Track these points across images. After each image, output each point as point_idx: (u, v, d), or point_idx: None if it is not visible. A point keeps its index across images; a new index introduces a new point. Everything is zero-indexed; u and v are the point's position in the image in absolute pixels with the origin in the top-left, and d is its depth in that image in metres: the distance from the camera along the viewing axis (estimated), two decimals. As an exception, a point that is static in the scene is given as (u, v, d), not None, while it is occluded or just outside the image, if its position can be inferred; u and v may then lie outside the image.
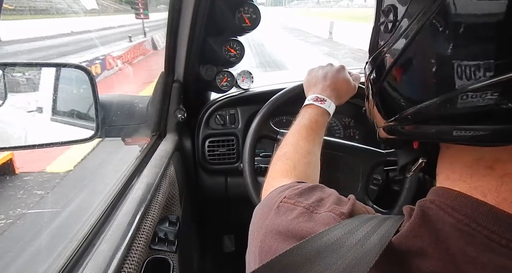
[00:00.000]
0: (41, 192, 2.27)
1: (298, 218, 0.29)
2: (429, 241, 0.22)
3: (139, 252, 0.45)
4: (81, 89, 0.71)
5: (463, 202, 0.22)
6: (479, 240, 0.20)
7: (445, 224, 0.22)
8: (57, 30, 5.83)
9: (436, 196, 0.24)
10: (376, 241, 0.22)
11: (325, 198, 0.32)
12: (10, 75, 0.87)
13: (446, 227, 0.21)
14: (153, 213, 0.54)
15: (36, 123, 0.81)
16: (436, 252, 0.21)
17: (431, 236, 0.22)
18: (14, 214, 1.98)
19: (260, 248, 0.31)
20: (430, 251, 0.21)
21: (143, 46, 6.44)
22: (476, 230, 0.20)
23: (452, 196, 0.23)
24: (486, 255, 0.19)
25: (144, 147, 0.80)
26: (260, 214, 0.34)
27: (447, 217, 0.22)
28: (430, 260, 0.21)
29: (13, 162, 2.47)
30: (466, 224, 0.21)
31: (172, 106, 0.86)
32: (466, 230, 0.21)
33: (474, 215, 0.21)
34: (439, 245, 0.21)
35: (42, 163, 2.59)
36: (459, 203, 0.22)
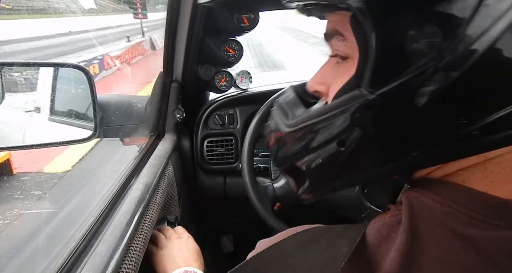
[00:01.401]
0: (39, 192, 2.26)
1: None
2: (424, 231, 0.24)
3: (137, 253, 0.45)
4: (79, 89, 0.70)
5: (444, 187, 0.25)
6: (461, 218, 0.23)
7: (432, 209, 0.24)
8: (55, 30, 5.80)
9: (417, 186, 0.27)
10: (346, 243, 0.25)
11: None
12: (8, 75, 0.86)
13: (435, 212, 0.24)
14: (151, 213, 0.54)
15: (34, 123, 0.81)
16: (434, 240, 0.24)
17: (423, 226, 0.24)
18: (11, 215, 1.97)
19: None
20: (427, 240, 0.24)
21: (141, 46, 6.43)
22: (458, 210, 0.23)
23: (432, 183, 0.26)
24: (469, 230, 0.23)
25: (143, 147, 0.80)
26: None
27: (432, 203, 0.24)
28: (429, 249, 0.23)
29: (10, 162, 2.46)
30: (449, 205, 0.24)
31: (170, 106, 0.86)
32: (450, 211, 0.24)
33: (455, 197, 0.24)
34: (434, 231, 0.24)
35: (39, 163, 2.58)
36: (441, 189, 0.25)
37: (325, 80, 0.30)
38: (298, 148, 0.28)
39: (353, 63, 0.26)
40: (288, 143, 0.30)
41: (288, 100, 0.34)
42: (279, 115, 0.32)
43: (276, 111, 0.33)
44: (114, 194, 0.57)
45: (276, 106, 0.34)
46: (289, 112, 0.32)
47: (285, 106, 0.33)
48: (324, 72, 0.31)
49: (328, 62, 0.31)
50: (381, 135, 0.24)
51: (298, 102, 0.32)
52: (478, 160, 0.24)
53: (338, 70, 0.28)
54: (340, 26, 0.26)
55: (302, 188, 0.30)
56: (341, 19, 0.26)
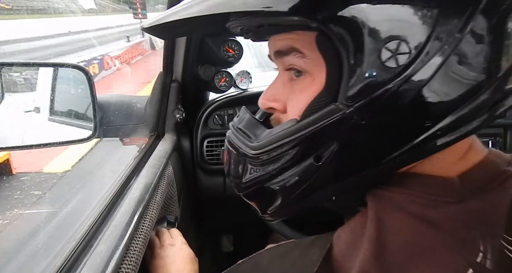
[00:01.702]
0: (38, 192, 2.26)
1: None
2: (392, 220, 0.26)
3: (137, 253, 0.45)
4: (79, 89, 0.70)
5: (398, 178, 0.28)
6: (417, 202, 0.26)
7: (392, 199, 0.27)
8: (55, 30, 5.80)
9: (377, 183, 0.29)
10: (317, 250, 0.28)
11: None
12: (7, 75, 0.86)
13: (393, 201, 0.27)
14: (151, 213, 0.54)
15: (34, 123, 0.81)
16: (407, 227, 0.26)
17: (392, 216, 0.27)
18: (11, 215, 1.97)
19: None
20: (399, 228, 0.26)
21: (141, 46, 6.43)
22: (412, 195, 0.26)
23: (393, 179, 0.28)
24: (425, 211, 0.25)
25: (142, 147, 0.80)
26: None
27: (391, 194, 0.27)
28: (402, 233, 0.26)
29: (10, 162, 2.46)
30: (404, 193, 0.27)
31: (170, 106, 0.86)
32: (406, 197, 0.27)
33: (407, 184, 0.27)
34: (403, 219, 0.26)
35: (39, 163, 2.57)
36: (395, 180, 0.28)
37: (278, 97, 0.31)
38: (270, 168, 0.28)
39: (312, 79, 0.27)
40: (256, 166, 0.29)
41: (246, 121, 0.33)
42: (239, 137, 0.32)
43: (233, 135, 0.33)
44: (114, 194, 0.57)
45: (232, 130, 0.34)
46: (250, 134, 0.31)
47: (243, 128, 0.32)
48: (275, 89, 0.31)
49: (279, 78, 0.31)
50: (356, 145, 0.26)
51: (257, 123, 0.32)
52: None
53: (292, 87, 0.29)
54: (298, 43, 0.27)
55: (271, 208, 0.30)
56: (299, 37, 0.27)
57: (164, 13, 0.28)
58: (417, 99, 0.24)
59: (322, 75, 0.26)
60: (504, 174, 0.27)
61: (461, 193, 0.26)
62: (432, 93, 0.24)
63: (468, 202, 0.25)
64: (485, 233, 0.25)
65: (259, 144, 0.29)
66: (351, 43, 0.24)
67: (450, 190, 0.26)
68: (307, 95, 0.27)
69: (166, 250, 0.53)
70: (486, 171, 0.27)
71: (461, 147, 0.28)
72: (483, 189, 0.26)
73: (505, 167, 0.27)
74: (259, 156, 0.29)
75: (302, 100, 0.27)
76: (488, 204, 0.25)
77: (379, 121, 0.25)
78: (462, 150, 0.28)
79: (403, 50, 0.23)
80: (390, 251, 0.25)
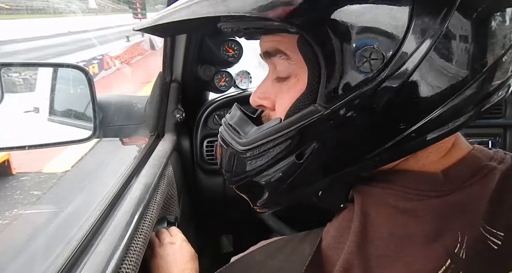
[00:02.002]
0: (38, 192, 2.26)
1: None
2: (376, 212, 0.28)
3: (137, 252, 0.45)
4: (79, 89, 0.70)
5: (382, 174, 0.29)
6: (400, 196, 0.27)
7: (377, 193, 0.28)
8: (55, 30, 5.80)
9: (363, 179, 0.30)
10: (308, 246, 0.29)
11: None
12: (7, 75, 0.86)
13: (378, 195, 0.28)
14: (151, 213, 0.54)
15: (33, 123, 0.81)
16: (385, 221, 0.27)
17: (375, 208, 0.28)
18: (10, 215, 1.97)
19: None
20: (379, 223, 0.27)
21: (141, 46, 6.43)
22: (396, 189, 0.28)
23: (374, 174, 0.30)
24: (409, 204, 0.27)
25: (142, 147, 0.80)
26: None
27: (375, 189, 0.29)
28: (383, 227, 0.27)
29: (9, 163, 2.46)
30: (388, 187, 0.28)
31: (170, 106, 0.86)
32: (390, 192, 0.28)
33: (392, 179, 0.29)
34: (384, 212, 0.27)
35: (39, 163, 2.57)
36: (380, 176, 0.29)
37: (267, 95, 0.32)
38: (257, 164, 0.29)
39: (297, 80, 0.28)
40: (244, 160, 0.31)
41: (236, 118, 0.35)
42: (229, 133, 0.33)
43: (225, 130, 0.34)
44: (114, 194, 0.57)
45: (224, 126, 0.35)
46: (240, 131, 0.32)
47: (234, 124, 0.34)
48: (265, 87, 0.32)
49: (268, 77, 0.32)
50: (335, 145, 0.27)
51: (247, 120, 0.34)
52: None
53: (280, 86, 0.30)
54: (283, 45, 0.28)
55: (260, 201, 0.32)
56: (283, 39, 0.28)
57: (156, 15, 0.30)
58: (392, 102, 0.25)
59: (305, 77, 0.27)
60: (485, 168, 0.28)
61: (442, 187, 0.27)
62: (408, 95, 0.25)
63: (449, 196, 0.27)
64: (464, 224, 0.26)
65: (247, 140, 0.30)
66: (327, 47, 0.24)
67: (432, 185, 0.27)
68: (291, 95, 0.28)
69: (167, 249, 0.53)
70: (468, 166, 0.28)
71: (445, 145, 0.29)
72: (464, 184, 0.27)
73: (487, 162, 0.29)
74: (247, 152, 0.30)
75: (287, 100, 0.29)
76: (468, 197, 0.27)
77: (356, 123, 0.26)
78: (445, 148, 0.29)
79: (376, 55, 0.24)
80: (373, 243, 0.26)
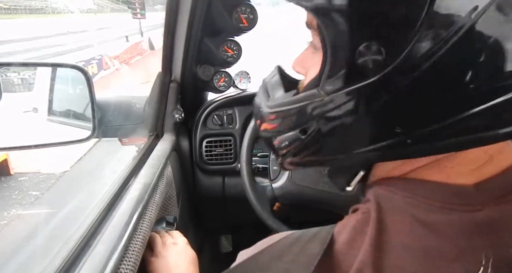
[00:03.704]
0: (37, 193, 2.25)
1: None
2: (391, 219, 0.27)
3: (136, 253, 0.45)
4: (78, 89, 0.70)
5: (404, 182, 0.28)
6: (421, 207, 0.26)
7: (396, 201, 0.27)
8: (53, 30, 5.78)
9: (381, 184, 0.30)
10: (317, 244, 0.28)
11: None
12: (5, 75, 0.86)
13: (397, 203, 0.27)
14: (150, 213, 0.54)
15: (32, 124, 0.81)
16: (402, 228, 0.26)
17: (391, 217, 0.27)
18: (9, 215, 1.96)
19: None
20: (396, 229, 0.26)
21: (140, 46, 6.42)
22: (418, 199, 0.26)
23: (394, 180, 0.29)
24: (429, 216, 0.25)
25: (141, 147, 0.79)
26: None
27: (395, 196, 0.28)
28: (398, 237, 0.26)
29: (8, 163, 2.45)
30: (409, 196, 0.27)
31: (169, 106, 0.86)
32: (411, 201, 0.27)
33: (414, 188, 0.27)
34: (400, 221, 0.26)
35: (37, 163, 2.56)
36: (401, 183, 0.28)
37: (304, 63, 0.33)
38: (272, 126, 0.32)
39: (320, 58, 0.28)
40: (267, 120, 0.33)
41: (272, 81, 0.37)
42: (262, 93, 0.36)
43: (261, 89, 0.37)
44: (113, 194, 0.57)
45: (262, 84, 0.37)
46: (270, 94, 0.35)
47: (268, 86, 0.36)
48: (304, 57, 0.33)
49: (308, 48, 0.33)
50: (329, 132, 0.27)
51: (280, 85, 0.35)
52: (431, 159, 0.27)
53: (313, 59, 0.30)
54: (314, 21, 0.28)
55: (279, 160, 0.34)
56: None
57: None
58: (385, 105, 0.24)
59: None
60: None
61: (472, 202, 0.25)
62: (401, 101, 0.24)
63: (478, 212, 0.25)
64: (491, 244, 0.24)
65: (270, 104, 0.32)
66: (331, 35, 0.24)
67: (459, 198, 0.25)
68: (314, 71, 0.28)
69: (169, 249, 0.52)
70: (506, 182, 0.26)
71: (479, 156, 0.26)
72: (500, 200, 0.25)
73: None
74: (269, 115, 0.32)
75: (313, 73, 0.29)
76: (500, 215, 0.25)
77: (348, 117, 0.26)
78: (480, 159, 0.26)
79: (377, 54, 0.23)
80: (388, 253, 0.25)
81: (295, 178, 0.69)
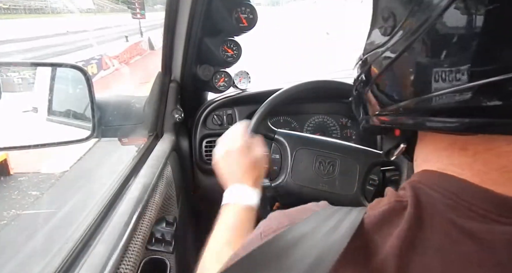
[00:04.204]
0: (36, 193, 2.25)
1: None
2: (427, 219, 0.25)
3: (135, 253, 0.45)
4: (77, 89, 0.70)
5: (446, 180, 0.26)
6: (461, 211, 0.24)
7: (436, 200, 0.26)
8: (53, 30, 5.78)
9: (421, 177, 0.28)
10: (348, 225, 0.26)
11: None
12: (5, 75, 0.86)
13: (437, 203, 0.26)
14: (150, 213, 0.54)
15: (32, 123, 0.80)
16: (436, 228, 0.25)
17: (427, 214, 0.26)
18: (8, 215, 1.96)
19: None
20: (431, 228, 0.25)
21: (140, 46, 6.42)
22: (459, 203, 0.25)
23: (435, 176, 0.27)
24: (468, 223, 0.24)
25: (141, 147, 0.79)
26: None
27: (436, 194, 0.26)
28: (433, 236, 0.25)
29: (7, 163, 2.45)
30: (451, 198, 0.25)
31: (169, 106, 0.86)
32: (452, 204, 0.25)
33: (457, 190, 0.25)
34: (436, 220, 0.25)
35: (37, 163, 2.56)
36: (443, 181, 0.27)
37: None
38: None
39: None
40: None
41: None
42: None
43: None
44: (113, 194, 0.57)
45: None
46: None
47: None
48: None
49: None
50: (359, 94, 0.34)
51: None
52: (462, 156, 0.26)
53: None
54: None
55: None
56: None
57: None
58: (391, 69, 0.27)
59: None
60: None
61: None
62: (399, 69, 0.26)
63: None
64: None
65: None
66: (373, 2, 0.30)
67: (503, 210, 0.24)
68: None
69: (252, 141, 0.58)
70: None
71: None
72: None
73: None
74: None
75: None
76: None
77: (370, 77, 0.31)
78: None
79: (390, 22, 0.26)
80: (419, 251, 0.24)
81: (295, 178, 0.69)
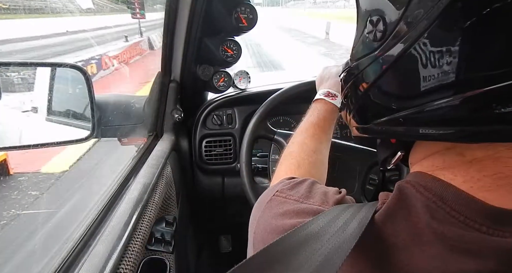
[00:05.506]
0: (36, 193, 2.25)
1: (287, 212, 0.32)
2: (402, 217, 0.25)
3: (135, 253, 0.45)
4: (77, 89, 0.70)
5: (433, 183, 0.26)
6: (440, 215, 0.24)
7: (417, 201, 0.25)
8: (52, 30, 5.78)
9: (412, 177, 0.28)
10: (356, 225, 0.26)
11: (314, 190, 0.35)
12: (4, 75, 0.86)
13: (417, 204, 0.25)
14: (149, 213, 0.54)
15: (31, 123, 0.80)
16: (407, 227, 0.24)
17: (404, 213, 0.25)
18: (8, 215, 1.95)
19: (254, 241, 0.33)
20: (401, 227, 0.25)
21: (139, 46, 6.41)
22: (440, 207, 0.24)
23: (425, 177, 0.27)
24: (445, 227, 0.23)
25: (141, 147, 0.79)
26: (255, 210, 0.37)
27: (419, 195, 0.25)
28: (402, 234, 0.25)
29: (7, 163, 2.45)
30: (433, 201, 0.25)
31: (169, 106, 0.86)
32: (433, 207, 0.24)
33: (441, 194, 0.25)
34: (410, 220, 0.25)
35: (36, 163, 2.56)
36: (430, 184, 0.26)
37: None
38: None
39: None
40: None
41: None
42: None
43: None
44: (112, 194, 0.57)
45: None
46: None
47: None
48: None
49: None
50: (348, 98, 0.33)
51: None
52: (457, 162, 0.25)
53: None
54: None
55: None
56: None
57: None
58: (383, 78, 0.25)
59: None
60: None
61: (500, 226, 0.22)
62: (394, 77, 0.25)
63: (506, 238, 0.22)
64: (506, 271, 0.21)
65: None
66: (357, 6, 0.28)
67: (485, 218, 0.23)
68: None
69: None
70: None
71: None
72: None
73: None
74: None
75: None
76: None
77: (360, 87, 0.28)
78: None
79: (380, 26, 0.25)
80: (388, 249, 0.24)
81: None
